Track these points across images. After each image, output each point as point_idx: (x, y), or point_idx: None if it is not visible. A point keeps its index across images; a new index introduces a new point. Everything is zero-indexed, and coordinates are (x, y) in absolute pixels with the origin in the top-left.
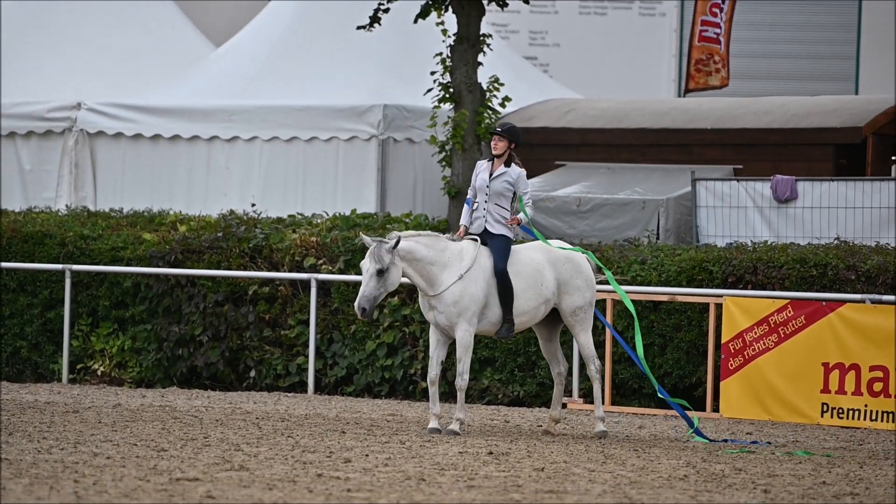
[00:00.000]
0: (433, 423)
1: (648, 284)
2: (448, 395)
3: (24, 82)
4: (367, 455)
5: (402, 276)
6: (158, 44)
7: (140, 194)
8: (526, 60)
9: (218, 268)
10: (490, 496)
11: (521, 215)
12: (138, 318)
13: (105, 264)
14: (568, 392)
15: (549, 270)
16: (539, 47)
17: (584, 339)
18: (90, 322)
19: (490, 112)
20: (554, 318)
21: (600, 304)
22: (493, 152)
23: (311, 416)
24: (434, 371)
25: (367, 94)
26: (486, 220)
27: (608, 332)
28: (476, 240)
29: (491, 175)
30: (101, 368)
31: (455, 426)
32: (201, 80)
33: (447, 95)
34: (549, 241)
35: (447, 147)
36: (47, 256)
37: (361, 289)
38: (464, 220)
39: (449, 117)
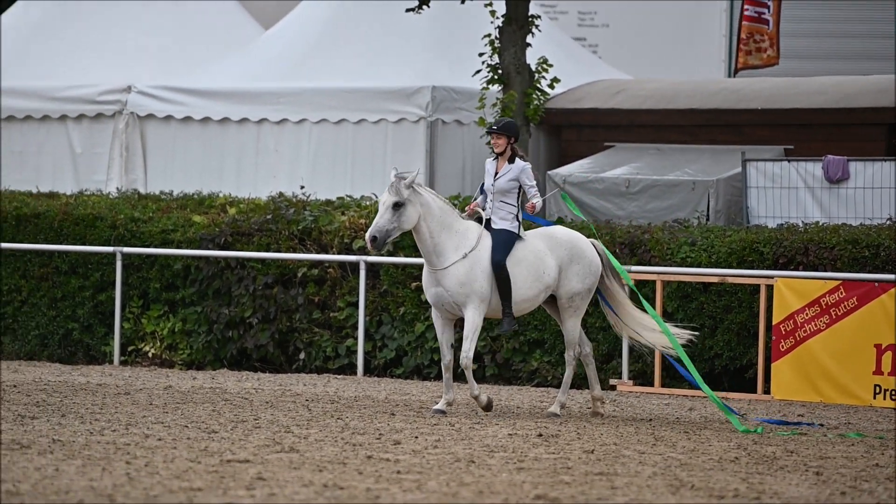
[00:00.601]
0: (440, 405)
1: (698, 266)
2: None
3: (75, 66)
4: (416, 437)
5: (414, 229)
6: (208, 27)
7: (190, 177)
8: (575, 41)
9: (267, 250)
10: (540, 478)
11: (536, 201)
12: (188, 300)
13: (155, 247)
14: (617, 374)
15: (551, 257)
16: (588, 28)
17: (571, 325)
18: (141, 304)
19: (539, 93)
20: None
21: (651, 285)
22: (495, 150)
23: (361, 399)
24: (448, 356)
25: (415, 76)
26: (490, 218)
27: (658, 312)
28: (481, 221)
29: (496, 175)
30: (152, 350)
31: (483, 398)
32: (251, 62)
33: (496, 77)
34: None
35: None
36: (98, 239)
37: (376, 219)
38: (478, 200)
39: (497, 99)
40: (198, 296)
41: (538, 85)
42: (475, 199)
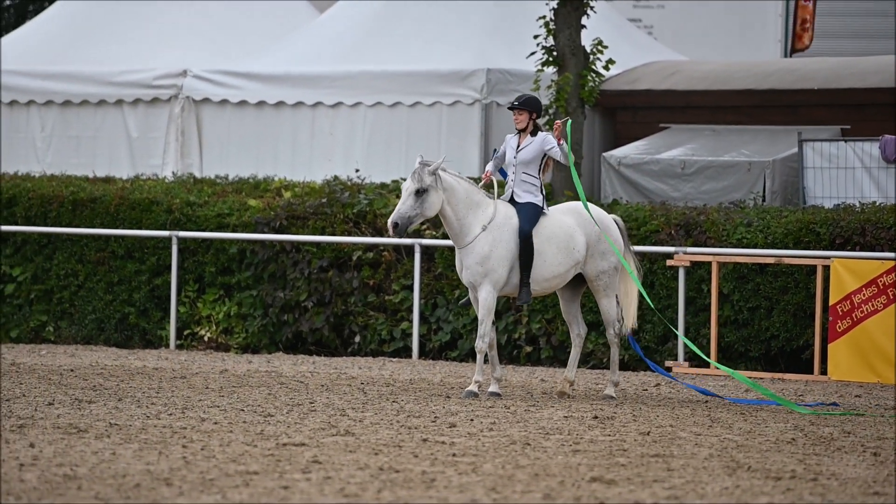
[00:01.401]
0: (494, 387)
1: (755, 247)
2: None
3: (130, 50)
4: (471, 420)
5: (440, 213)
6: (263, 10)
7: (245, 161)
8: (630, 22)
9: (322, 233)
10: (596, 460)
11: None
12: (244, 284)
13: (211, 231)
14: (673, 355)
15: (580, 233)
16: (643, 9)
17: (606, 304)
18: (196, 288)
19: (594, 75)
20: (577, 280)
21: (706, 267)
22: (517, 126)
23: (416, 381)
24: (485, 340)
25: (470, 58)
26: (513, 191)
27: (714, 294)
28: (491, 188)
29: (518, 147)
30: (208, 334)
31: (474, 388)
32: (305, 46)
33: (550, 59)
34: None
35: (551, 111)
36: (154, 223)
37: (398, 206)
38: (490, 168)
39: (552, 81)
40: (253, 279)
41: (593, 66)
42: (487, 169)
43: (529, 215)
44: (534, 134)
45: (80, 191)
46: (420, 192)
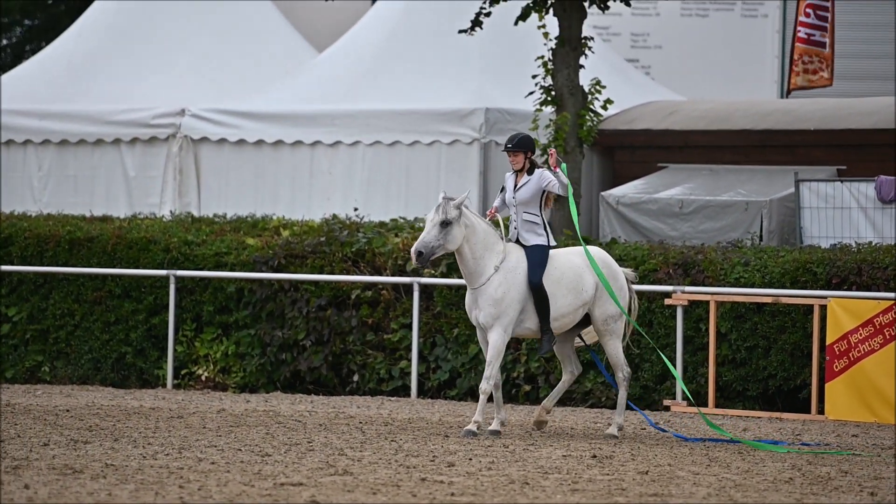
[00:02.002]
0: (494, 425)
1: (752, 286)
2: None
3: (128, 89)
4: (470, 459)
5: (457, 251)
6: (261, 49)
7: (243, 199)
8: (628, 63)
9: (321, 272)
10: (594, 499)
11: (561, 176)
12: (242, 323)
13: (209, 269)
14: (671, 394)
15: (589, 274)
16: (641, 49)
17: (613, 347)
18: (194, 327)
19: (592, 115)
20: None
21: (704, 306)
22: (514, 167)
23: (415, 420)
24: (490, 383)
25: (468, 97)
26: (518, 233)
27: (712, 333)
28: (498, 225)
29: (515, 187)
30: (206, 374)
31: (473, 428)
32: (304, 85)
33: (549, 98)
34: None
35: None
36: (152, 262)
37: (422, 235)
38: (497, 204)
39: (551, 120)
40: (251, 318)
41: (591, 106)
42: (494, 205)
43: (539, 260)
44: (530, 172)
45: (77, 230)
46: (445, 224)
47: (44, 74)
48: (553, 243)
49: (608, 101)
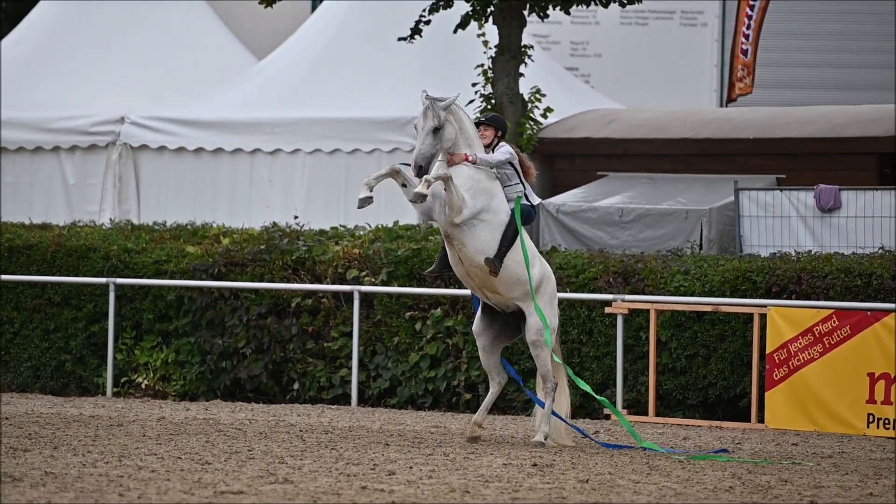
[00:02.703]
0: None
1: (692, 295)
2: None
3: (68, 97)
4: (411, 467)
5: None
6: (201, 57)
7: (183, 207)
8: (567, 71)
9: (261, 280)
10: None
11: (482, 155)
12: (182, 330)
13: (149, 277)
14: (612, 403)
15: (537, 268)
16: (580, 58)
17: (543, 359)
18: (134, 335)
19: (532, 123)
20: (499, 331)
21: (644, 314)
22: (483, 141)
23: (355, 429)
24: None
25: (408, 105)
26: None
27: (652, 341)
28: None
29: None
30: (145, 382)
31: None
32: (244, 92)
33: (489, 106)
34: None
35: None
36: (91, 270)
37: (417, 146)
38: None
39: None
40: (191, 326)
41: (531, 114)
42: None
43: (525, 205)
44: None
45: (17, 237)
46: (437, 130)
47: None
48: (536, 201)
49: (548, 110)
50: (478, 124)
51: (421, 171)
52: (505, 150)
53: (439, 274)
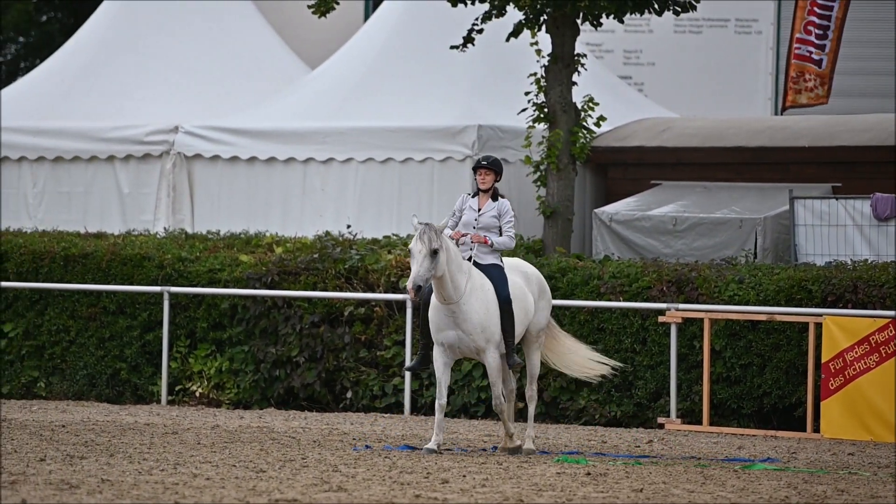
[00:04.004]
0: (432, 444)
1: (746, 304)
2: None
3: (121, 106)
4: (464, 476)
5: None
6: (254, 67)
7: (236, 216)
8: (620, 79)
9: (314, 289)
10: None
11: (496, 240)
12: (236, 339)
13: (202, 286)
14: (665, 412)
15: (529, 292)
16: (634, 66)
17: (536, 359)
18: (188, 344)
19: (585, 132)
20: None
21: (698, 323)
22: (480, 187)
23: (408, 437)
24: (445, 397)
25: (461, 114)
26: (475, 254)
27: (706, 350)
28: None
29: (479, 211)
30: (200, 390)
31: (517, 441)
32: (297, 102)
33: (541, 115)
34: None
35: (542, 167)
36: (146, 279)
37: (415, 269)
38: (457, 228)
39: (543, 137)
40: (245, 335)
41: (584, 123)
42: (451, 227)
43: (501, 279)
44: (494, 198)
45: (72, 246)
46: (434, 253)
47: (38, 91)
48: (502, 264)
49: (601, 118)
50: (476, 168)
51: (419, 291)
52: (511, 217)
53: (418, 370)
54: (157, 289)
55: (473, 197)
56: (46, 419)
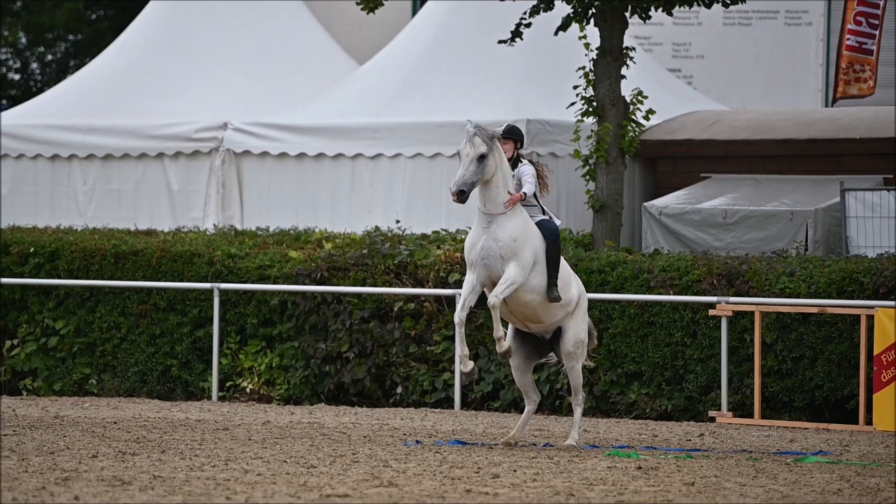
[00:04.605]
0: (466, 366)
1: (797, 296)
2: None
3: (170, 104)
4: (515, 470)
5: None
6: (302, 63)
7: (285, 212)
8: (669, 72)
9: (363, 284)
10: None
11: (526, 188)
12: (285, 335)
13: (252, 282)
14: (716, 405)
15: (574, 282)
16: (683, 59)
17: (577, 371)
18: (238, 340)
19: (634, 125)
20: (531, 348)
21: (749, 316)
22: None
23: (458, 432)
24: (463, 312)
25: (509, 108)
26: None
27: (757, 344)
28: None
29: None
30: (250, 386)
31: (505, 345)
32: (345, 98)
33: (590, 109)
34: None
35: (591, 161)
36: (196, 275)
37: (460, 171)
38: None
39: (592, 131)
40: (295, 331)
41: (633, 117)
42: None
43: (552, 222)
44: (514, 166)
45: (122, 244)
46: (482, 158)
47: (88, 89)
48: (558, 222)
49: (650, 112)
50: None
51: (463, 195)
52: (530, 175)
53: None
54: (207, 285)
55: None
56: (98, 416)
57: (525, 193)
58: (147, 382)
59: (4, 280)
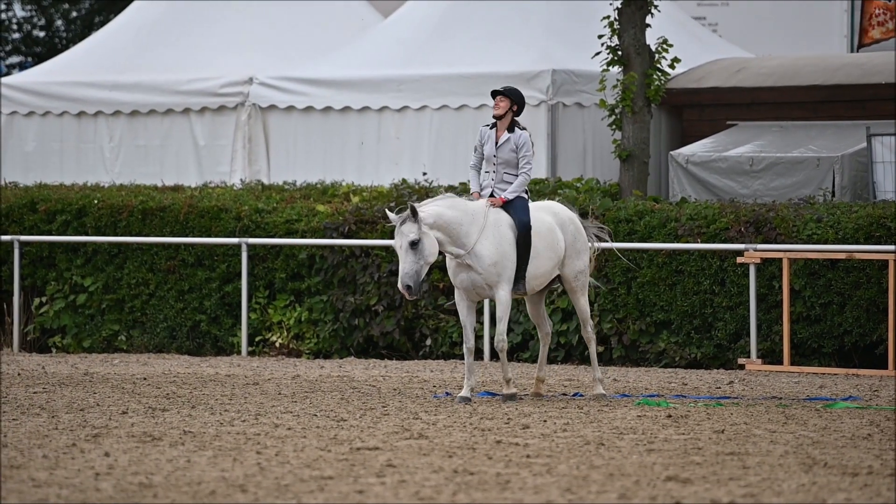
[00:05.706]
0: (465, 392)
1: (825, 242)
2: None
3: (196, 59)
4: (545, 421)
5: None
6: (327, 16)
7: (312, 166)
8: (694, 20)
9: (391, 237)
10: (670, 459)
11: (506, 194)
12: (314, 289)
13: (280, 237)
14: (745, 353)
15: (559, 231)
16: (707, 7)
17: (583, 303)
18: (267, 295)
19: (659, 74)
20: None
21: (777, 263)
22: (494, 112)
23: (488, 384)
24: (472, 340)
25: (535, 59)
26: (494, 191)
27: (785, 290)
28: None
29: (497, 143)
30: (279, 340)
31: (512, 388)
32: (370, 50)
33: (615, 58)
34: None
35: (617, 110)
36: (223, 230)
37: (400, 267)
38: (474, 188)
39: (618, 80)
40: (323, 285)
41: (658, 65)
42: (471, 180)
43: (522, 207)
44: (510, 130)
45: (150, 200)
46: (415, 244)
47: (113, 46)
48: (526, 197)
49: (675, 60)
50: (493, 94)
51: (411, 290)
52: (528, 148)
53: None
54: (234, 240)
55: (491, 128)
56: (128, 372)
57: (507, 198)
58: (176, 338)
59: (32, 237)
